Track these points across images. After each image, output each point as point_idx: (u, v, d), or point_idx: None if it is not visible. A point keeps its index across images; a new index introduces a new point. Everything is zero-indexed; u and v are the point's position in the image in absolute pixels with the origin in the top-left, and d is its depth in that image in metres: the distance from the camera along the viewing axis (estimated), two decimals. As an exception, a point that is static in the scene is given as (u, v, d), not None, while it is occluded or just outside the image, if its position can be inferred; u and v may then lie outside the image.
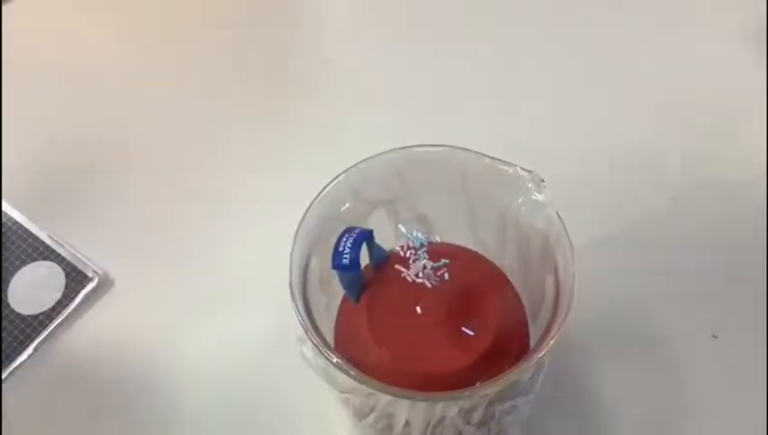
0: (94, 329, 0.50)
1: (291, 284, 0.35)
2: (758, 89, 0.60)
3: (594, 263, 0.44)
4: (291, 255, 0.35)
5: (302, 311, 0.34)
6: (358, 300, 0.37)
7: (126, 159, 0.59)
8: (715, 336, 0.48)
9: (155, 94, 0.63)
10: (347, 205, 0.38)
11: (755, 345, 0.48)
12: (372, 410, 0.35)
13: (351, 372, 0.33)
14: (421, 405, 0.34)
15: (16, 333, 0.50)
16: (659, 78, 0.62)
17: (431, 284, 0.36)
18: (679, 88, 0.61)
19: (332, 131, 0.59)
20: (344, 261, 0.35)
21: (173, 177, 0.58)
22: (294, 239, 0.36)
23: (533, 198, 0.37)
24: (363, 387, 0.33)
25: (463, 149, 0.38)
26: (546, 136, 0.58)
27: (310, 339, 0.34)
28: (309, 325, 0.34)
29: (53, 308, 0.50)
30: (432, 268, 0.37)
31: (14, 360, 0.49)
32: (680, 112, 0.59)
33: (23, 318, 0.50)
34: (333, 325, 0.39)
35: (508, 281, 0.39)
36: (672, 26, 0.65)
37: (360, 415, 0.37)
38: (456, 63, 0.64)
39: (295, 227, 0.36)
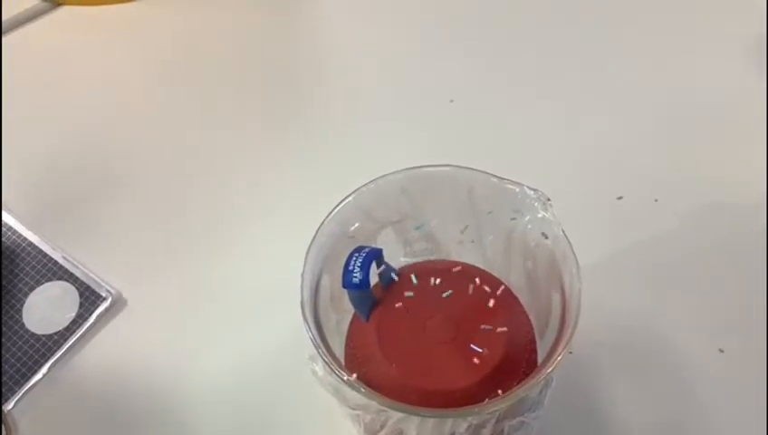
0: (108, 348, 0.51)
1: (302, 302, 0.35)
2: (759, 102, 0.60)
3: (600, 279, 0.44)
4: (302, 274, 0.36)
5: (313, 328, 0.35)
6: (368, 318, 0.38)
7: (138, 179, 0.60)
8: (721, 351, 0.48)
9: (166, 116, 0.64)
10: (356, 224, 0.39)
11: (762, 360, 0.48)
12: (383, 426, 0.36)
13: (362, 389, 0.33)
14: (431, 421, 0.34)
15: (31, 352, 0.50)
16: (668, 97, 0.62)
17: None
18: (681, 103, 0.61)
19: (341, 152, 0.60)
20: (354, 280, 0.35)
21: (185, 197, 0.58)
22: (306, 258, 0.37)
23: (539, 216, 0.38)
24: (374, 403, 0.34)
25: (469, 168, 0.39)
26: (551, 154, 0.59)
27: (321, 356, 0.34)
28: (320, 342, 0.35)
29: (68, 328, 0.51)
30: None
31: (28, 379, 0.49)
32: (684, 127, 0.60)
33: (37, 338, 0.51)
34: (344, 343, 0.39)
35: (516, 298, 0.40)
36: (674, 42, 0.66)
37: (370, 432, 0.37)
38: (463, 83, 0.64)
39: (306, 246, 0.37)
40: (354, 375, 0.34)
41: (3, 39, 0.69)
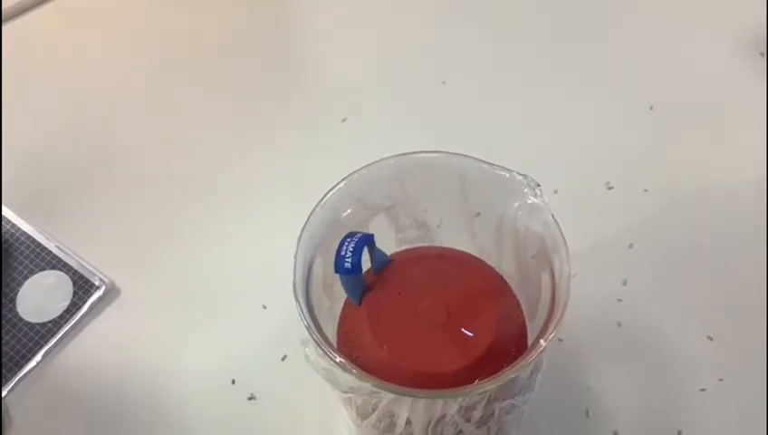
0: (101, 336, 0.51)
1: (294, 285, 0.36)
2: (758, 97, 0.61)
3: (589, 268, 0.45)
4: (295, 257, 0.36)
5: (305, 311, 0.35)
6: (360, 303, 0.38)
7: (132, 171, 0.60)
8: (710, 338, 0.49)
9: (161, 107, 0.64)
10: (349, 210, 0.39)
11: (749, 346, 0.48)
12: (374, 409, 0.36)
13: (354, 371, 0.33)
14: (422, 403, 0.34)
15: (25, 340, 0.50)
16: (658, 87, 0.62)
17: None
18: (674, 95, 0.62)
19: (334, 138, 0.60)
20: (346, 265, 0.36)
21: (178, 187, 0.59)
22: (298, 243, 0.37)
23: (530, 201, 0.38)
24: (366, 385, 0.34)
25: (460, 154, 0.39)
26: (543, 142, 0.59)
27: (313, 338, 0.34)
28: (312, 326, 0.35)
29: (61, 316, 0.51)
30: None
31: (23, 367, 0.50)
32: (676, 119, 0.60)
33: (31, 326, 0.51)
34: (336, 329, 0.40)
35: (506, 283, 0.40)
36: (672, 33, 0.66)
37: (362, 415, 0.37)
38: (454, 72, 0.65)
39: (298, 233, 0.37)
40: (346, 358, 0.34)
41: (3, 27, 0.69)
